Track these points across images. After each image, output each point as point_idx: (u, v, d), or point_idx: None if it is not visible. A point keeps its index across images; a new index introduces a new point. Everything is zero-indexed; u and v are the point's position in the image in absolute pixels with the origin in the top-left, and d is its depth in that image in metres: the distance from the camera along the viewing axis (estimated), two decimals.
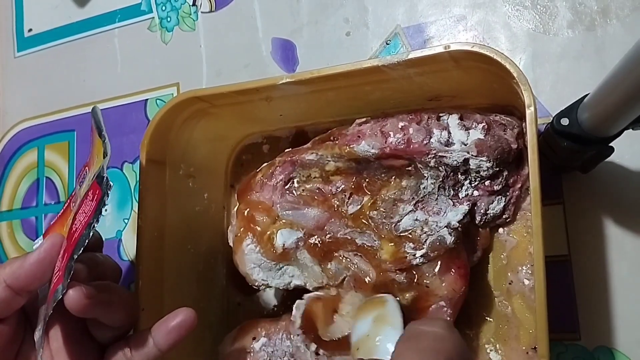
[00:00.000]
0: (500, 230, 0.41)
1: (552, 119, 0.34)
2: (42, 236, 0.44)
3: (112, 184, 0.33)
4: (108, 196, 0.32)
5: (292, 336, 0.40)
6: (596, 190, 0.40)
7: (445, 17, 0.46)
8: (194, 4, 0.56)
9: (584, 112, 0.32)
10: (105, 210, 0.32)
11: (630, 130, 0.31)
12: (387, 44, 0.48)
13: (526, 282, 0.39)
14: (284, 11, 0.52)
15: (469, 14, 0.45)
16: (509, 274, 0.39)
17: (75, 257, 0.31)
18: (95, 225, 0.32)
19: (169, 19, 0.56)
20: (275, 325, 0.43)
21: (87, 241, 0.32)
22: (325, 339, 0.39)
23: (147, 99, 0.56)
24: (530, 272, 0.38)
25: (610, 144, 0.33)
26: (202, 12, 0.55)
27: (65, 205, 0.43)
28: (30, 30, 0.64)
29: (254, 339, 0.43)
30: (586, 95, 0.32)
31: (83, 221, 0.33)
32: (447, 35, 0.46)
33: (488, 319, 0.40)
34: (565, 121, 0.33)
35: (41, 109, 0.61)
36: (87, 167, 0.42)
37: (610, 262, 0.39)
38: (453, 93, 0.40)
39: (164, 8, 0.57)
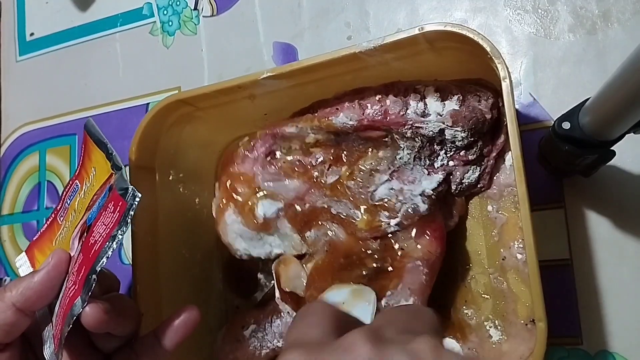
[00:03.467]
0: (489, 207, 0.41)
1: (553, 123, 0.34)
2: (24, 252, 0.44)
3: (139, 195, 0.33)
4: (135, 208, 0.32)
5: (281, 314, 0.41)
6: (597, 194, 0.40)
7: (446, 21, 0.46)
8: (195, 8, 0.56)
9: (585, 116, 0.32)
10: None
11: (632, 134, 0.31)
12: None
13: (519, 256, 0.39)
14: (286, 15, 0.52)
15: (470, 18, 0.45)
16: (502, 250, 0.40)
17: (98, 269, 0.31)
18: (121, 236, 0.32)
19: (170, 23, 0.57)
20: (263, 311, 0.43)
21: (110, 252, 0.31)
22: (286, 289, 0.40)
23: (148, 103, 0.56)
24: (522, 246, 0.39)
25: (612, 148, 0.33)
26: (203, 16, 0.55)
27: (50, 219, 0.43)
28: (32, 34, 0.64)
29: (242, 327, 0.43)
30: (587, 99, 0.32)
31: (104, 233, 0.33)
32: None
33: (485, 296, 0.40)
34: (566, 125, 0.33)
35: (43, 113, 0.61)
36: (76, 180, 0.42)
37: (612, 266, 0.39)
38: (432, 77, 0.40)
39: (165, 12, 0.57)
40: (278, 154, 0.44)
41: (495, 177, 0.41)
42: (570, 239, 0.40)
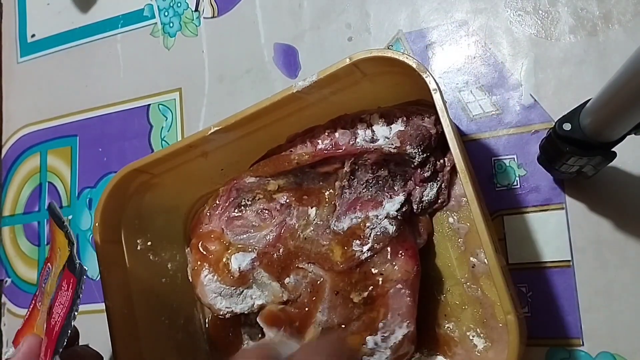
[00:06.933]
0: (451, 219, 0.42)
1: (554, 124, 0.34)
2: (12, 343, 0.44)
3: (86, 269, 0.33)
4: (84, 282, 0.32)
5: None
6: (599, 195, 0.40)
7: (447, 22, 0.46)
8: (196, 10, 0.56)
9: (586, 118, 0.32)
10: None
11: (633, 135, 0.31)
12: (389, 49, 0.48)
13: (487, 261, 0.39)
14: (286, 17, 0.52)
15: (471, 19, 0.45)
16: (470, 258, 0.41)
17: (60, 350, 0.31)
18: (76, 313, 0.32)
19: (171, 25, 0.57)
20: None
21: (69, 332, 0.31)
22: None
23: (149, 104, 0.56)
24: None
25: (613, 149, 0.33)
26: (204, 18, 0.55)
27: (31, 306, 0.43)
28: (33, 35, 0.64)
29: None
30: (588, 100, 0.32)
31: (61, 313, 0.33)
32: (449, 41, 0.46)
33: (463, 307, 0.40)
34: (567, 126, 0.33)
35: (44, 114, 0.61)
36: (49, 263, 0.42)
37: (613, 268, 0.39)
38: (375, 105, 0.41)
39: (166, 14, 0.57)
40: (243, 206, 0.44)
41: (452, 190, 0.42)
42: (571, 240, 0.40)
